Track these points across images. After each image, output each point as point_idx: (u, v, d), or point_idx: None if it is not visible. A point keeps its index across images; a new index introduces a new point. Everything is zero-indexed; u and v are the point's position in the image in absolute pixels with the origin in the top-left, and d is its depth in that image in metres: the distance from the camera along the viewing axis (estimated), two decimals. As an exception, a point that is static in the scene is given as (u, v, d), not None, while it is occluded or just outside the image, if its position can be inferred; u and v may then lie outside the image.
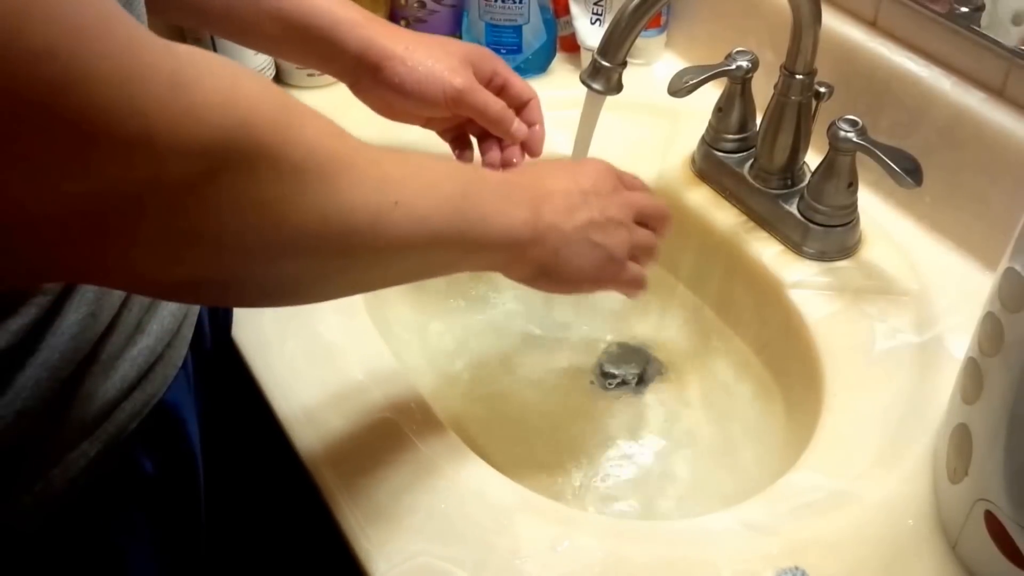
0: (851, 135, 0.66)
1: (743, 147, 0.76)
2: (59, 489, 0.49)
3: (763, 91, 0.73)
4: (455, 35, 0.94)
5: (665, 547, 0.54)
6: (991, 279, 0.49)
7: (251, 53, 0.82)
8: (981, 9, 0.67)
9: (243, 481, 0.69)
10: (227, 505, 0.65)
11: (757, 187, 0.74)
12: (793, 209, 0.72)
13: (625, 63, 0.64)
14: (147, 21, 0.50)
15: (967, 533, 0.51)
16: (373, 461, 0.57)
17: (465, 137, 0.72)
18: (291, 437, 0.59)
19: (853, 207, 0.70)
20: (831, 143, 0.67)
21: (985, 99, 0.67)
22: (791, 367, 0.68)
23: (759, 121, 0.74)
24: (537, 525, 0.54)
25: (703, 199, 0.77)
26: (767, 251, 0.72)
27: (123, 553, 0.54)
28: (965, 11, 0.68)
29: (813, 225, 0.70)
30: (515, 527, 0.54)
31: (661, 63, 0.92)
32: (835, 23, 0.74)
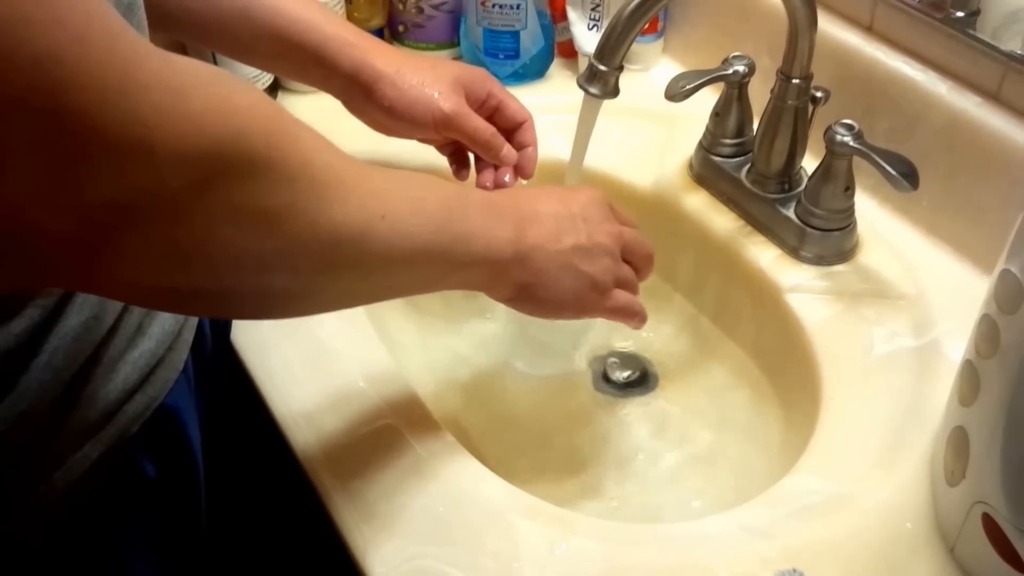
0: (848, 139, 0.66)
1: (740, 152, 0.77)
2: (61, 491, 0.49)
3: (760, 96, 0.73)
4: (453, 40, 0.94)
5: (663, 550, 0.54)
6: (987, 282, 0.49)
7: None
8: (977, 13, 0.67)
9: (243, 484, 0.70)
10: (227, 508, 0.65)
11: (754, 192, 0.74)
12: (790, 213, 0.72)
13: (622, 67, 0.64)
14: (148, 35, 0.51)
15: (965, 536, 0.51)
16: (371, 464, 0.57)
17: (463, 153, 0.72)
18: (290, 440, 0.59)
19: (850, 211, 0.70)
20: (828, 147, 0.67)
21: (981, 103, 0.67)
22: (789, 371, 0.69)
23: (756, 126, 0.74)
24: (535, 528, 0.54)
25: (700, 204, 0.78)
26: (764, 255, 0.72)
27: (124, 555, 0.54)
28: (961, 15, 0.68)
29: (810, 229, 0.70)
30: (513, 530, 0.54)
31: (658, 68, 0.92)
32: (831, 28, 0.75)
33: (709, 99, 0.77)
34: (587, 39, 0.89)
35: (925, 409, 0.60)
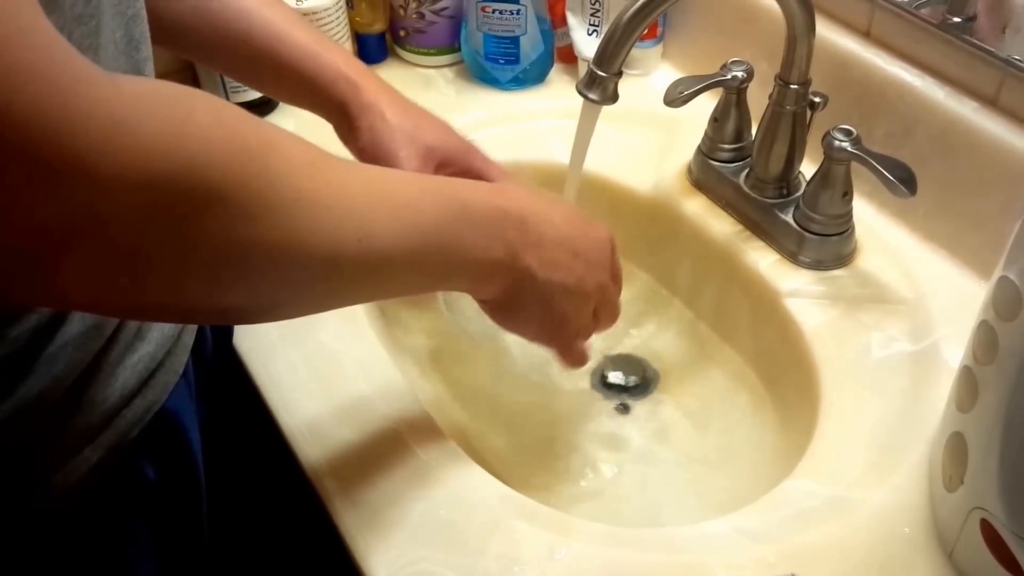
0: (845, 145, 0.66)
1: (739, 157, 0.77)
2: (61, 495, 0.49)
3: (758, 101, 0.73)
4: (454, 45, 0.94)
5: (662, 554, 0.54)
6: (985, 287, 0.50)
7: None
8: (974, 19, 0.68)
9: (244, 488, 0.70)
10: (228, 512, 0.65)
11: (753, 196, 0.74)
12: (789, 218, 0.72)
13: (621, 73, 0.64)
14: (150, 48, 0.51)
15: (963, 541, 0.51)
16: (373, 468, 0.58)
17: None
18: (292, 445, 0.59)
19: (848, 216, 0.71)
20: (826, 153, 0.68)
21: (978, 108, 0.67)
22: (787, 376, 0.69)
23: (754, 131, 0.74)
24: (536, 532, 0.54)
25: (699, 208, 0.78)
26: (763, 260, 0.73)
27: (125, 559, 0.54)
28: (958, 21, 0.68)
29: (809, 234, 0.71)
30: (514, 534, 0.54)
31: (657, 73, 0.92)
32: (829, 33, 0.75)
33: (708, 104, 0.77)
34: (587, 44, 0.90)
35: (923, 414, 0.60)
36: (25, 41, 0.32)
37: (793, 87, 0.69)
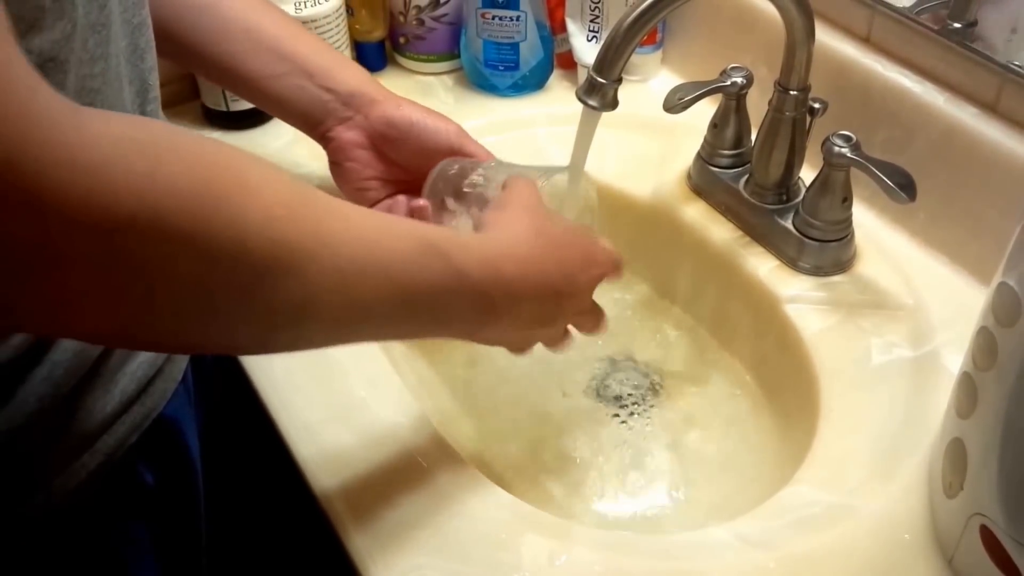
0: (845, 151, 0.66)
1: (738, 163, 0.77)
2: (60, 501, 0.49)
3: (758, 107, 0.73)
4: (453, 52, 0.94)
5: (662, 561, 0.54)
6: (985, 292, 0.50)
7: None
8: (974, 25, 0.68)
9: (243, 493, 0.70)
10: (227, 518, 0.65)
11: (753, 202, 0.74)
12: (788, 224, 0.72)
13: (620, 79, 0.64)
14: (155, 56, 0.51)
15: (963, 548, 0.51)
16: (374, 475, 0.57)
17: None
18: (292, 450, 0.59)
19: (848, 222, 0.71)
20: (825, 159, 0.68)
21: (978, 114, 0.67)
22: (787, 382, 0.69)
23: (754, 137, 0.74)
24: (536, 539, 0.54)
25: (699, 214, 0.78)
26: (763, 266, 0.73)
27: (124, 566, 0.54)
28: (958, 27, 0.68)
29: (808, 240, 0.71)
30: (514, 541, 0.54)
31: (657, 79, 0.92)
32: (829, 39, 0.75)
33: (707, 110, 0.77)
34: (586, 50, 0.90)
35: (923, 420, 0.60)
36: None
37: (793, 93, 0.69)
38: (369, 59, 0.95)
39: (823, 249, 0.71)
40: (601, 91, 0.65)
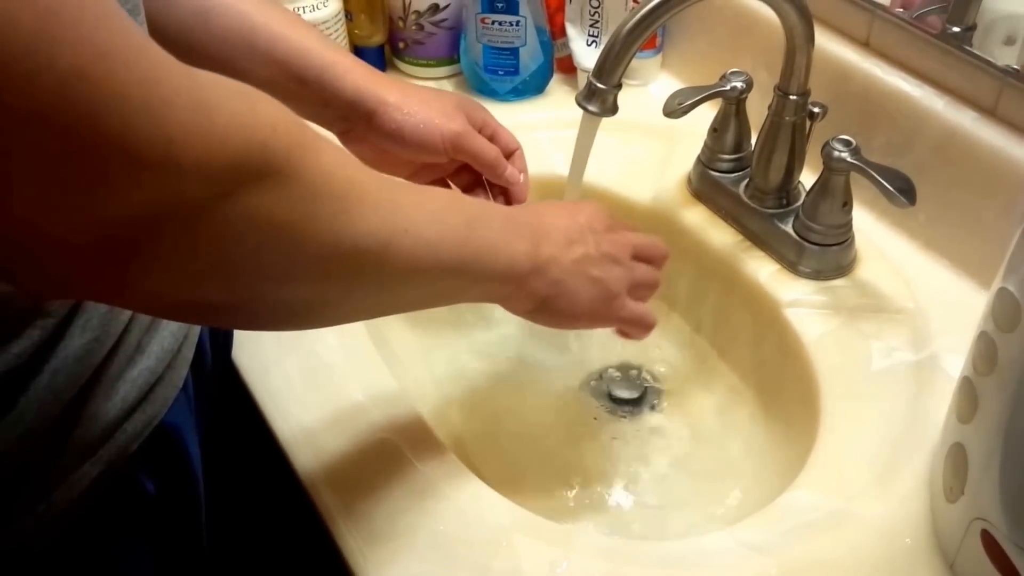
0: (845, 155, 0.66)
1: (738, 167, 0.77)
2: (61, 510, 0.49)
3: (758, 111, 0.73)
4: (453, 57, 0.94)
5: (663, 567, 0.54)
6: (985, 296, 0.50)
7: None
8: (973, 29, 0.68)
9: (244, 501, 0.70)
10: (228, 525, 0.65)
11: (753, 207, 0.74)
12: (789, 228, 0.72)
13: (620, 84, 0.64)
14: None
15: (964, 552, 0.51)
16: (372, 482, 0.57)
17: (446, 187, 0.72)
18: (290, 458, 0.59)
19: (848, 226, 0.71)
20: (825, 163, 0.68)
21: (977, 118, 0.68)
22: (787, 386, 0.69)
23: (754, 141, 0.74)
24: (536, 546, 0.54)
25: (699, 219, 0.78)
26: (763, 270, 0.73)
27: (124, 573, 0.54)
28: (957, 31, 0.68)
29: (809, 244, 0.71)
30: (514, 548, 0.54)
31: (657, 84, 0.93)
32: (828, 44, 0.75)
33: (707, 114, 0.77)
34: (586, 55, 0.90)
35: (924, 424, 0.60)
36: (108, 24, 0.32)
37: (792, 97, 0.69)
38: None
39: (823, 253, 0.71)
40: (601, 96, 0.65)
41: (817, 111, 0.71)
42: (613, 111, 0.66)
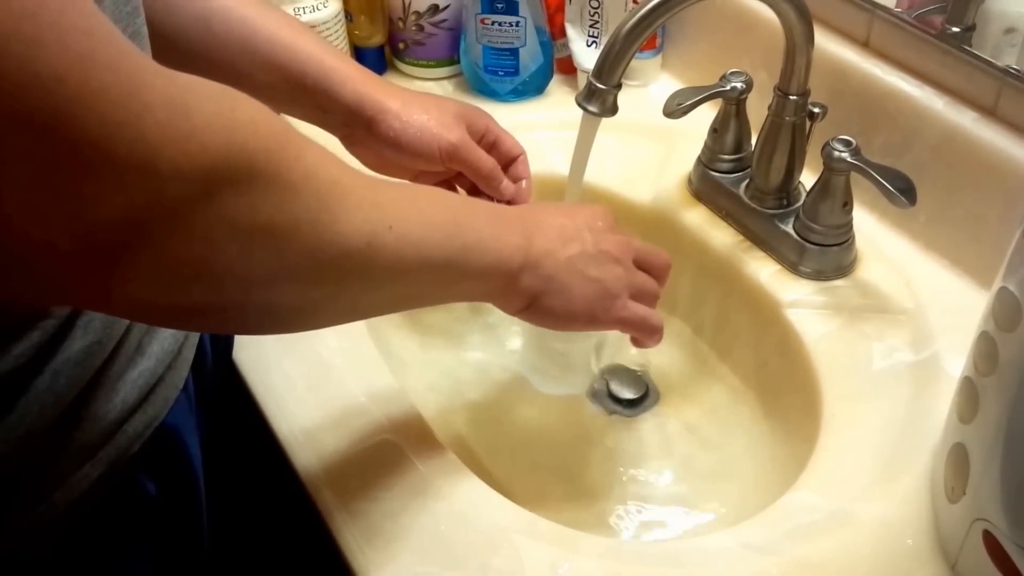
0: (845, 155, 0.66)
1: (739, 167, 0.77)
2: (62, 511, 0.49)
3: (758, 112, 0.73)
4: (453, 58, 0.94)
5: (665, 568, 0.54)
6: (985, 296, 0.50)
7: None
8: (972, 29, 0.68)
9: (245, 502, 0.70)
10: (229, 526, 0.65)
11: (753, 207, 0.74)
12: (789, 229, 0.72)
13: (620, 85, 0.64)
14: (150, 45, 0.51)
15: (966, 553, 0.51)
16: (373, 482, 0.57)
17: (451, 189, 0.72)
18: (291, 458, 0.59)
19: (848, 226, 0.71)
20: (825, 163, 0.68)
21: (977, 118, 0.68)
22: (788, 386, 0.69)
23: (754, 142, 0.74)
24: (538, 547, 0.54)
25: (699, 219, 0.78)
26: (764, 271, 0.73)
27: (125, 574, 0.54)
28: (956, 31, 0.68)
29: (809, 244, 0.71)
30: (516, 549, 0.54)
31: (657, 84, 0.92)
32: (828, 44, 0.75)
33: (707, 115, 0.77)
34: (586, 55, 0.90)
35: (925, 425, 0.60)
36: (87, 27, 0.32)
37: (792, 98, 0.69)
38: (368, 65, 0.93)
39: (824, 253, 0.71)
40: (601, 97, 0.65)
41: (817, 111, 0.71)
42: (613, 111, 0.66)
